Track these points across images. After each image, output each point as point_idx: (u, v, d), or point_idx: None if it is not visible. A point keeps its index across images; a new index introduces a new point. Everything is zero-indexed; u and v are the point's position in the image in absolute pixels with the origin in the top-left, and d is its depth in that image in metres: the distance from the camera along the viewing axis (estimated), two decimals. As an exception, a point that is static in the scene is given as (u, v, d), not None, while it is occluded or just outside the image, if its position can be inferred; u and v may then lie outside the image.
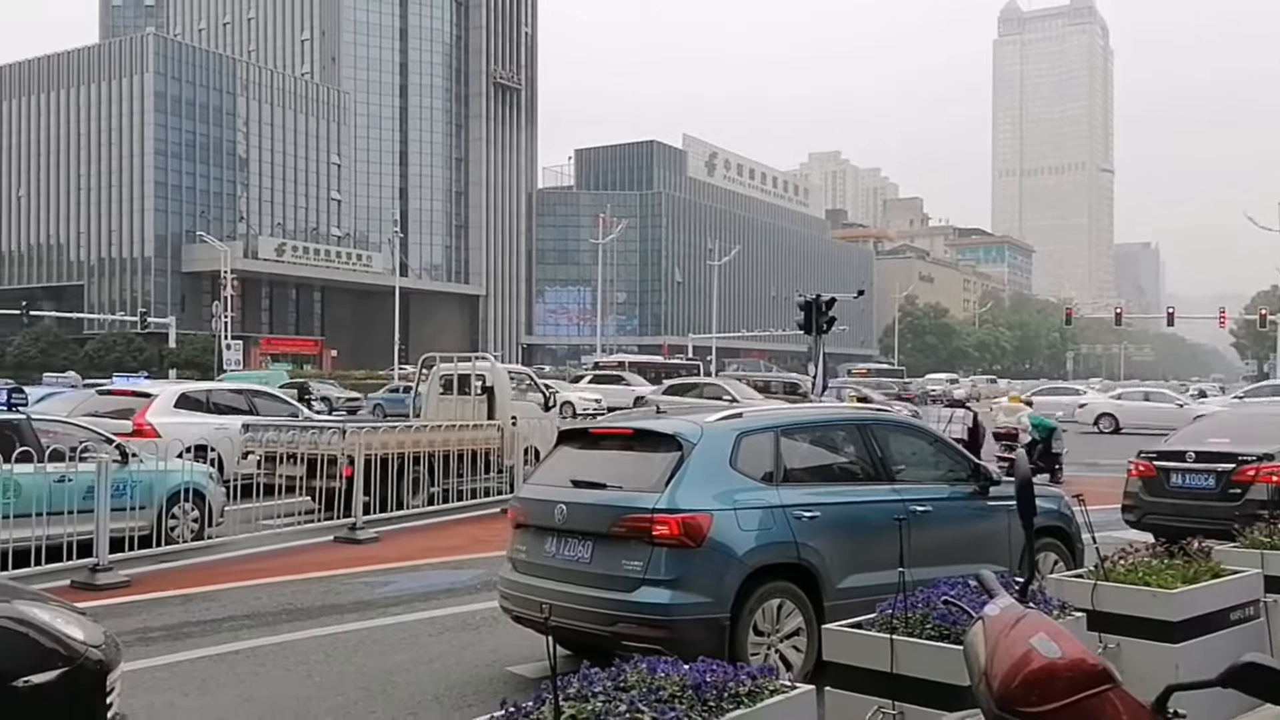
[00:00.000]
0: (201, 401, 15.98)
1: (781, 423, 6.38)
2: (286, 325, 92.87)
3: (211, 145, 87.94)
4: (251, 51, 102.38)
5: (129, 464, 10.06)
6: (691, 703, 2.64)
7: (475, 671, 6.27)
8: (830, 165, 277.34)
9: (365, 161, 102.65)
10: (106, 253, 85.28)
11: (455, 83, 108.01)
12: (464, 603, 8.28)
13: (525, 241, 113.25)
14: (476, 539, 11.63)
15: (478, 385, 15.82)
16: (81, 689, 3.43)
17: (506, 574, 6.21)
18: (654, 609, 5.28)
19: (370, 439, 12.36)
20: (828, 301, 19.78)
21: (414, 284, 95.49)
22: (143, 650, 6.61)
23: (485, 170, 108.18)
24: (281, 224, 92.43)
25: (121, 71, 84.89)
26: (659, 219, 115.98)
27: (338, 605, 8.27)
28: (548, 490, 6.07)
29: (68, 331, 74.57)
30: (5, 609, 3.44)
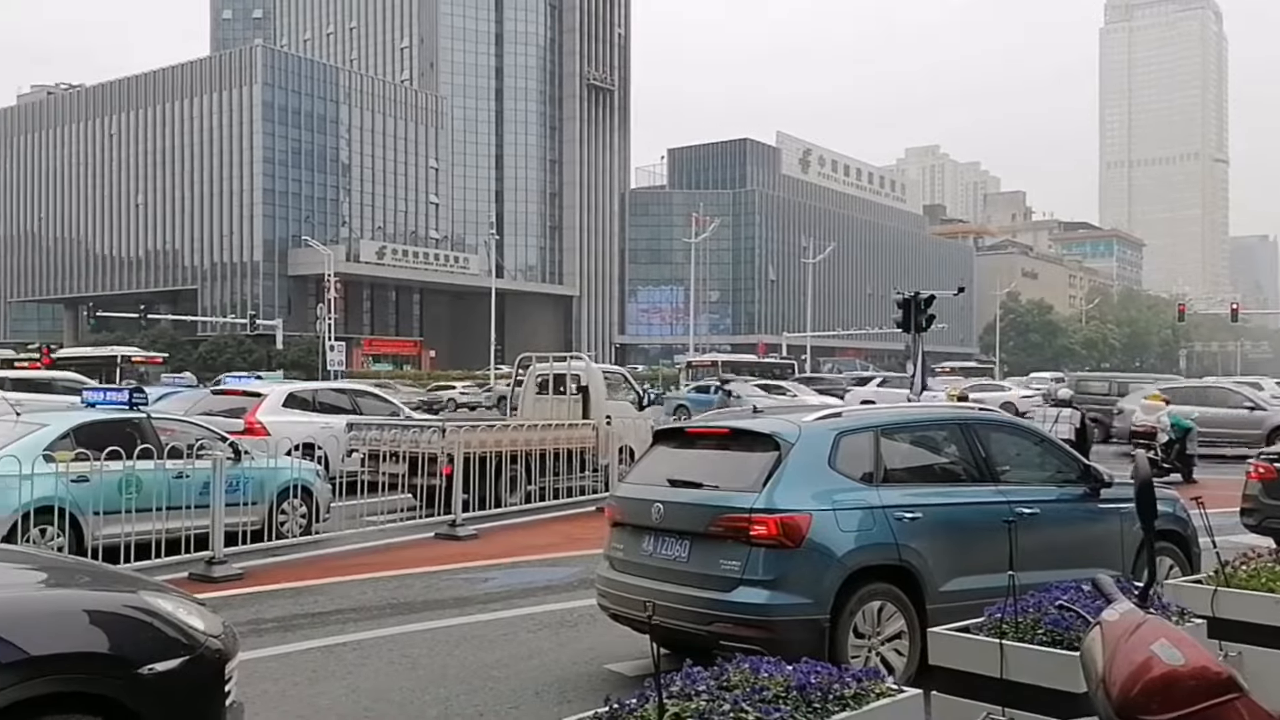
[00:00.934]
0: (308, 401, 16.48)
1: (881, 422, 6.29)
2: (387, 327, 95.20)
3: (316, 152, 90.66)
4: (353, 60, 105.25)
5: (241, 461, 10.44)
6: (796, 704, 2.61)
7: (574, 668, 6.32)
8: (928, 160, 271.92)
9: (462, 165, 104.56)
10: (218, 258, 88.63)
11: (549, 85, 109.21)
12: (561, 600, 8.36)
13: (618, 241, 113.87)
14: (572, 537, 11.74)
15: (573, 385, 15.97)
16: (202, 677, 3.56)
17: (604, 572, 6.25)
18: (752, 609, 5.26)
19: (469, 438, 12.58)
20: (926, 299, 19.40)
21: (509, 285, 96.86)
22: (255, 641, 6.84)
23: (579, 171, 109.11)
24: (382, 228, 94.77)
25: (231, 83, 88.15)
26: (752, 217, 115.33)
27: (439, 600, 8.44)
28: (644, 489, 6.09)
29: (183, 334, 77.77)
30: (132, 599, 3.59)
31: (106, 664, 3.30)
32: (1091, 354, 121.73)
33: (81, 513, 9.00)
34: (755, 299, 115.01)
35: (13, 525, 8.55)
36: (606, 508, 6.39)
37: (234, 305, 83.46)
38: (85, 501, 8.98)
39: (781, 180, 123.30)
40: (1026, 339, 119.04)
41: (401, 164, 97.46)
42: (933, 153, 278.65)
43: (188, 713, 3.49)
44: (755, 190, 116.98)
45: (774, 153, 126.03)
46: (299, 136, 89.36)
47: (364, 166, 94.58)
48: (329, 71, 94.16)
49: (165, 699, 3.39)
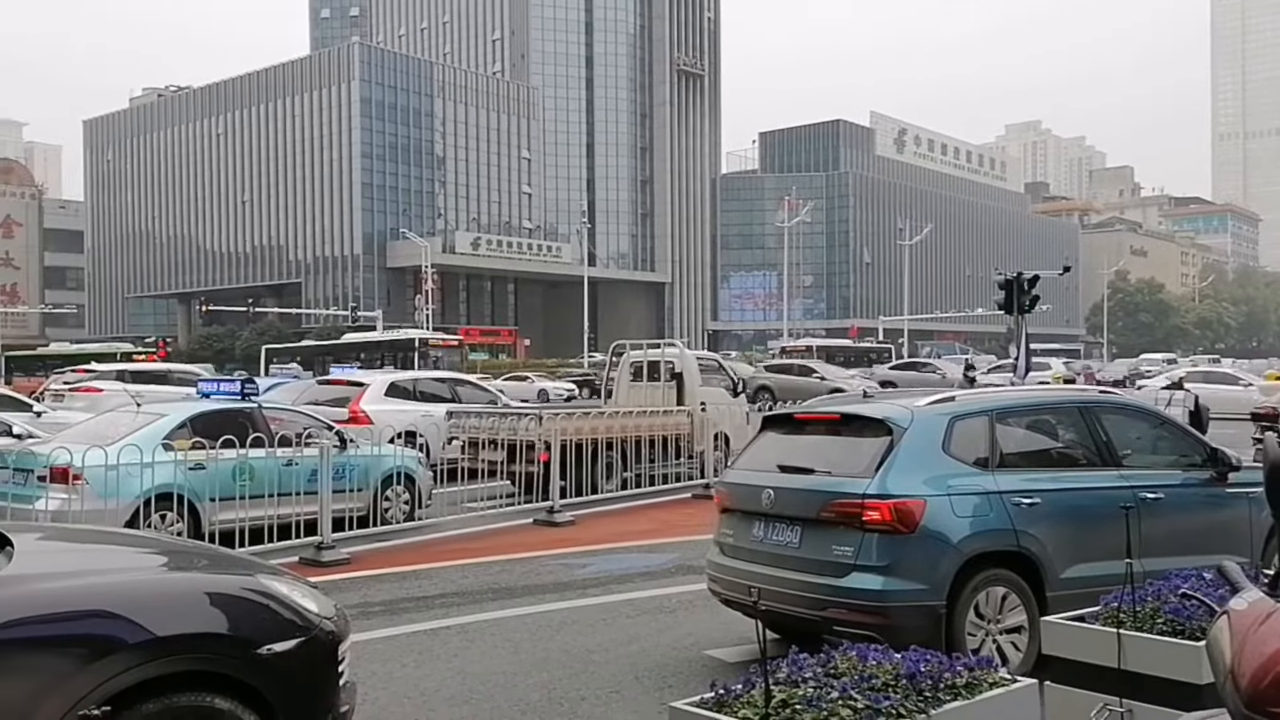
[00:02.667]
0: (409, 390, 16.86)
1: (996, 406, 6.15)
2: (482, 316, 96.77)
3: (411, 146, 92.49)
4: (447, 54, 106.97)
5: (347, 449, 10.73)
6: (906, 692, 2.57)
7: (674, 653, 6.34)
8: (1029, 136, 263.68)
9: (554, 155, 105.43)
10: (320, 252, 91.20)
11: (639, 72, 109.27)
12: (660, 586, 8.39)
13: (710, 227, 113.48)
14: (669, 523, 11.77)
15: (666, 372, 15.98)
16: (317, 657, 3.67)
17: (714, 557, 6.28)
18: (867, 595, 5.24)
19: (565, 425, 12.70)
20: (1030, 279, 18.82)
21: (601, 273, 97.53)
22: (364, 623, 7.03)
23: (670, 158, 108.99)
24: (476, 219, 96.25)
25: (330, 80, 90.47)
26: (846, 199, 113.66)
27: (539, 585, 8.55)
28: (754, 475, 6.09)
29: (288, 326, 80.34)
30: (249, 582, 3.72)
31: (228, 644, 3.43)
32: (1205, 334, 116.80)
33: (198, 499, 9.37)
34: (849, 283, 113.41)
35: (135, 511, 8.95)
36: (715, 494, 6.42)
37: (336, 298, 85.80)
38: (202, 488, 9.35)
39: (876, 161, 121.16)
40: (1136, 319, 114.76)
41: (494, 155, 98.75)
42: (1034, 129, 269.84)
43: (305, 692, 3.60)
44: (849, 172, 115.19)
45: (868, 133, 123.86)
46: (395, 131, 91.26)
47: (458, 159, 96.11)
48: (423, 66, 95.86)
49: (284, 678, 3.51)
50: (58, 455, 8.79)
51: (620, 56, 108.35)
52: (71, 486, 8.61)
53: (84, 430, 10.37)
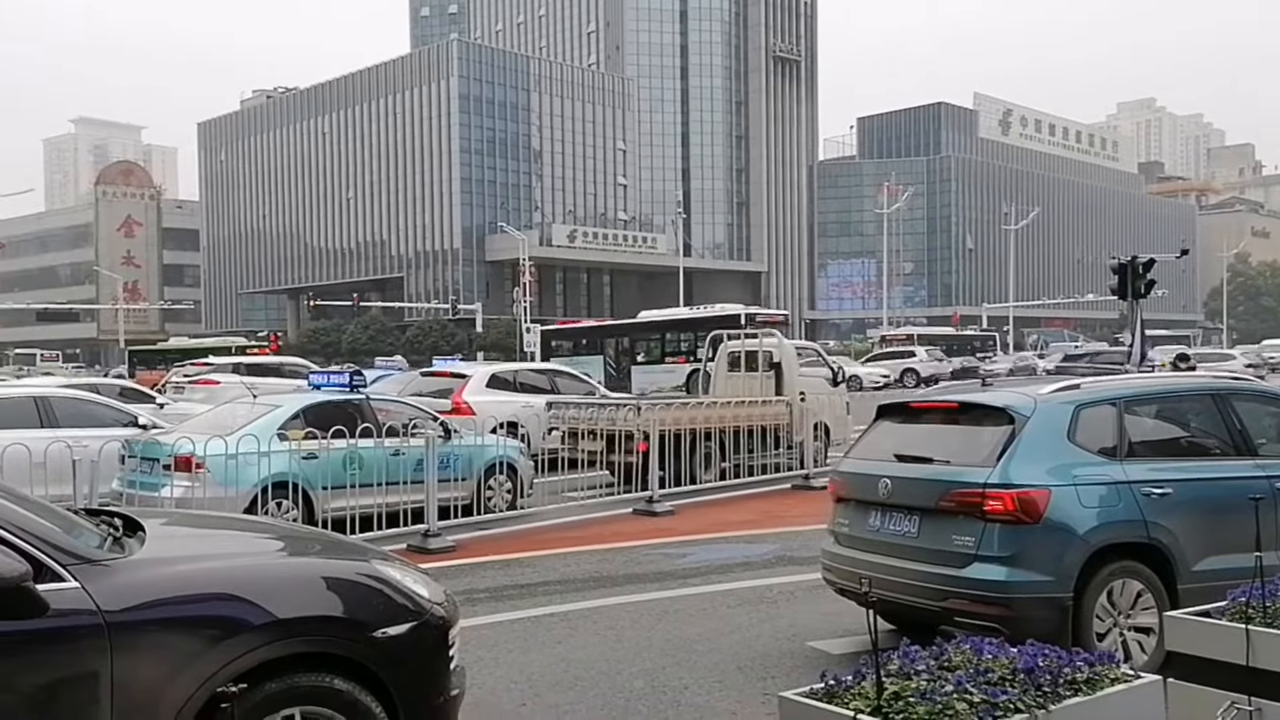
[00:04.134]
0: (509, 381, 17.12)
1: (1124, 394, 5.97)
2: (579, 308, 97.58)
3: (509, 140, 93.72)
4: (542, 47, 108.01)
5: (451, 439, 10.96)
6: (1024, 687, 2.50)
7: (776, 644, 6.31)
8: (1143, 114, 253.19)
9: (649, 145, 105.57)
10: (421, 246, 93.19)
11: (735, 60, 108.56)
12: (760, 576, 8.36)
13: (807, 215, 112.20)
14: (769, 514, 11.71)
15: (765, 361, 15.88)
16: (429, 641, 3.76)
17: (829, 547, 6.26)
18: (989, 586, 5.16)
19: (663, 415, 12.73)
20: (1145, 263, 18.10)
21: (697, 263, 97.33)
22: (469, 610, 7.17)
23: (765, 146, 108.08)
24: (572, 211, 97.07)
25: (429, 77, 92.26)
26: (948, 184, 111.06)
27: (640, 575, 8.61)
28: (869, 464, 6.05)
29: (391, 319, 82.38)
30: (364, 567, 3.84)
31: (344, 627, 3.54)
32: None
33: (311, 487, 9.69)
34: (952, 269, 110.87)
35: (253, 498, 9.31)
36: (829, 483, 6.39)
37: (436, 291, 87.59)
38: (314, 477, 9.66)
39: (980, 144, 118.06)
40: (1258, 304, 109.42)
41: (590, 147, 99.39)
42: (1148, 106, 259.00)
43: (418, 674, 3.70)
44: (951, 156, 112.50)
45: (971, 115, 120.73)
46: (493, 126, 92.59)
47: (554, 152, 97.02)
48: (519, 60, 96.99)
49: (398, 661, 3.61)
50: (181, 445, 9.20)
51: (715, 45, 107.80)
52: (194, 475, 9.00)
53: (204, 421, 10.82)
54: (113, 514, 4.02)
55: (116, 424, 11.33)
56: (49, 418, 11.03)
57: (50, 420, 10.96)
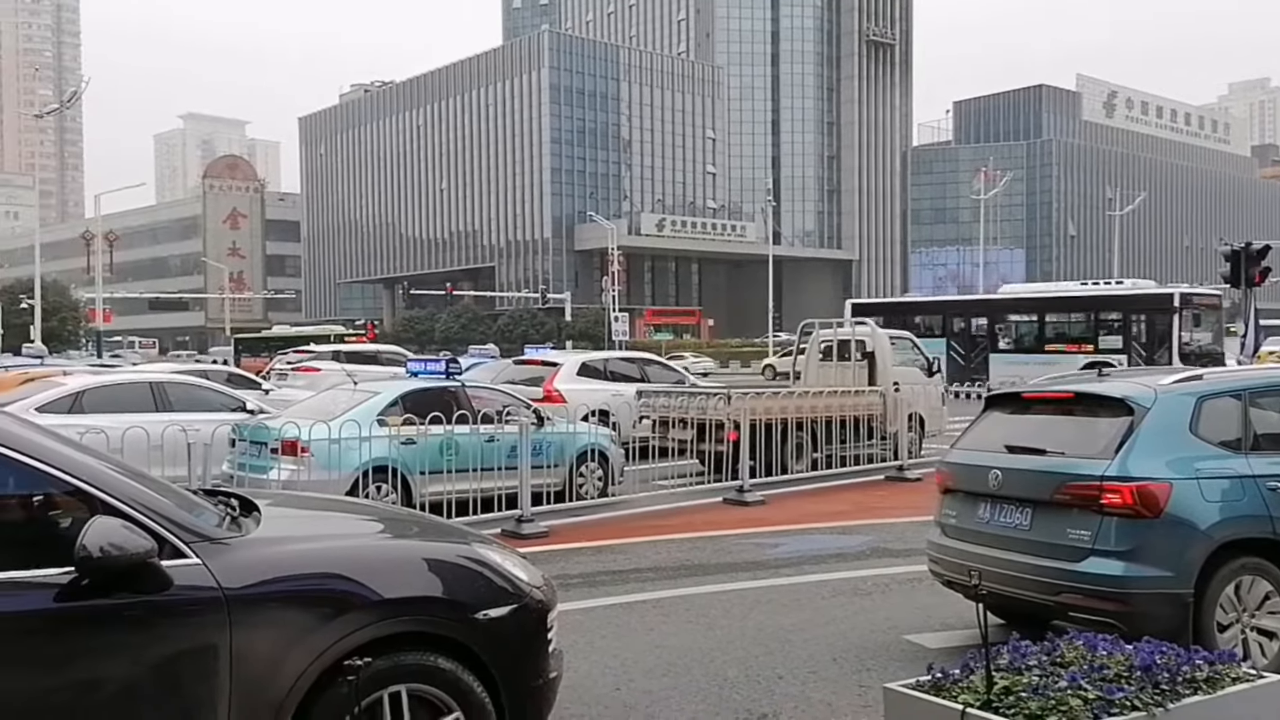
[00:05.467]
0: (600, 370, 17.23)
1: (1249, 385, 5.74)
2: (667, 297, 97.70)
3: (598, 130, 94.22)
4: (633, 36, 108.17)
5: (544, 427, 11.09)
6: (1141, 684, 2.43)
7: (871, 636, 6.24)
8: (1256, 95, 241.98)
9: (738, 133, 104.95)
10: (512, 236, 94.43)
11: (826, 45, 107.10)
12: (854, 568, 8.27)
13: (900, 202, 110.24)
14: (862, 505, 11.58)
15: (857, 351, 15.67)
16: (528, 624, 3.82)
17: (935, 539, 6.19)
18: (1106, 580, 5.04)
19: (754, 405, 12.67)
20: (1260, 250, 17.31)
21: (787, 252, 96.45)
22: (562, 595, 7.20)
23: (858, 132, 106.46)
24: (661, 200, 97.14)
25: (521, 69, 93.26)
26: (1049, 169, 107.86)
27: (731, 564, 8.60)
28: (979, 455, 5.95)
29: (483, 308, 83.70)
30: (465, 550, 3.91)
31: (446, 608, 3.62)
32: None
33: (410, 472, 9.91)
34: (1053, 256, 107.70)
35: (354, 482, 9.57)
36: (937, 474, 6.30)
37: (527, 280, 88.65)
38: (413, 462, 9.88)
39: (1082, 127, 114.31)
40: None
41: (679, 136, 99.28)
42: (1262, 86, 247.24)
43: (518, 656, 3.76)
44: (1052, 140, 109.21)
45: (1073, 98, 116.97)
46: (583, 116, 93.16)
47: (643, 141, 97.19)
48: (610, 50, 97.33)
49: (499, 642, 3.67)
50: (287, 429, 9.50)
51: (806, 30, 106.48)
52: (299, 458, 9.30)
53: (308, 407, 11.16)
54: (229, 494, 4.19)
55: (225, 409, 11.76)
56: (164, 402, 11.51)
57: (165, 404, 11.43)
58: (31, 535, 3.32)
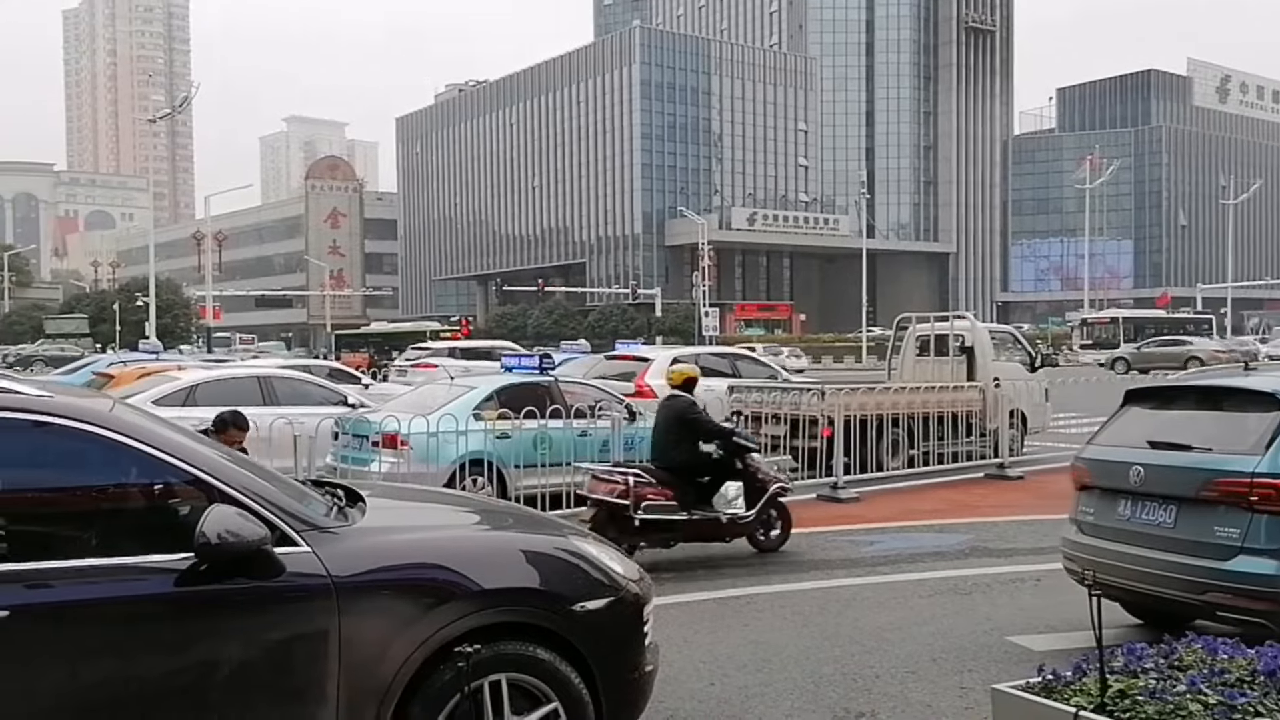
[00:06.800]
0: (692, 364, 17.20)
1: None
2: (758, 292, 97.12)
3: (689, 125, 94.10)
4: (723, 30, 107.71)
5: (636, 421, 11.13)
6: (1265, 689, 2.32)
7: (972, 637, 6.11)
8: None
9: (831, 125, 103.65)
10: (603, 232, 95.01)
11: (923, 33, 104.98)
12: (953, 567, 8.11)
13: (1000, 193, 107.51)
14: (960, 503, 11.33)
15: (956, 345, 15.34)
16: (625, 617, 3.84)
17: (1071, 536, 6.04)
18: (1257, 580, 4.88)
19: (849, 400, 12.49)
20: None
21: (881, 245, 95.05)
22: (656, 589, 7.23)
23: (955, 121, 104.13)
24: (752, 194, 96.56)
25: (612, 65, 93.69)
26: (1157, 156, 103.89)
27: (826, 561, 8.51)
28: (1119, 451, 5.80)
29: (573, 304, 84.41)
30: (562, 542, 3.95)
31: (544, 599, 3.66)
32: None
33: (505, 465, 10.04)
34: (1161, 247, 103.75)
35: (451, 474, 9.75)
36: (1073, 470, 6.16)
37: (617, 276, 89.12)
38: (508, 455, 10.02)
39: (1193, 113, 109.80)
40: None
41: (770, 129, 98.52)
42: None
43: (616, 648, 3.79)
44: (1161, 126, 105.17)
45: (1184, 83, 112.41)
46: (673, 111, 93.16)
47: (734, 135, 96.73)
48: (700, 44, 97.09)
49: (596, 635, 3.70)
50: (388, 423, 9.74)
51: (903, 18, 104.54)
52: (399, 451, 9.52)
53: (407, 401, 11.42)
54: (335, 485, 4.31)
55: (327, 402, 12.10)
56: (270, 396, 11.92)
57: (271, 398, 11.83)
58: (153, 522, 3.46)
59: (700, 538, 8.39)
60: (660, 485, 8.06)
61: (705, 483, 8.38)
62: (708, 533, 8.34)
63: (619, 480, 8.05)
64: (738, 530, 8.41)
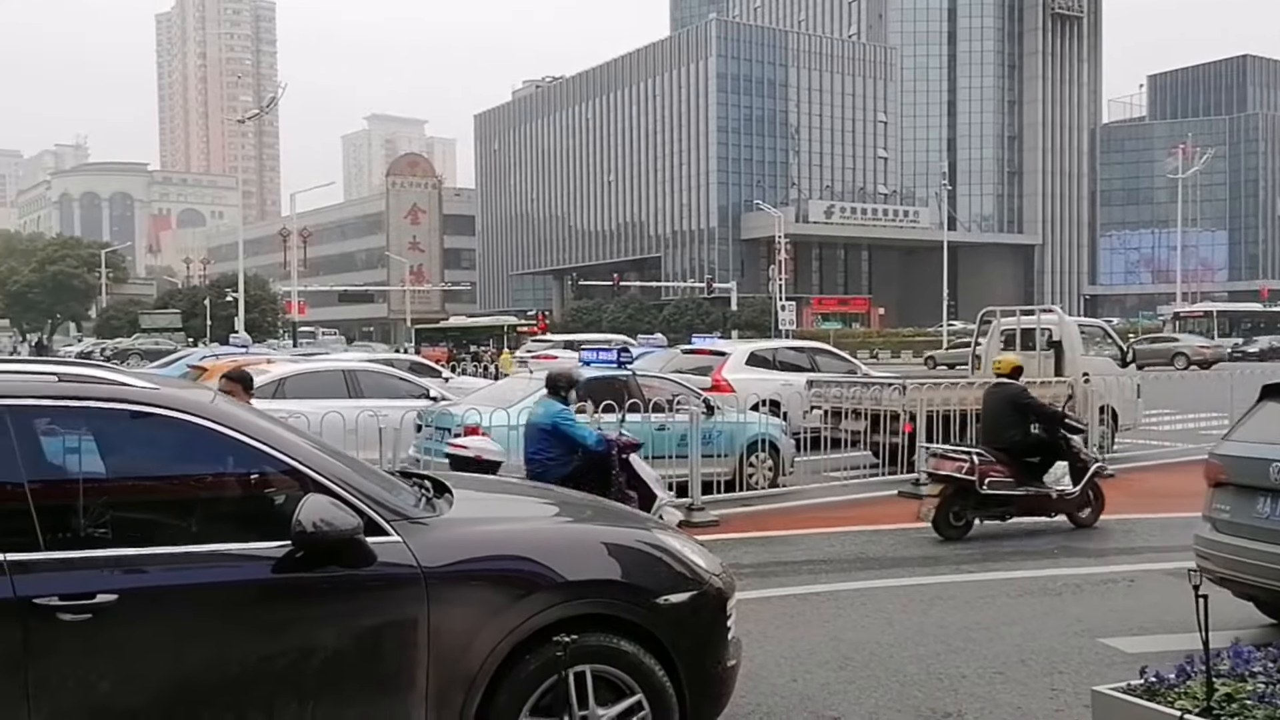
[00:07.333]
0: (768, 359, 17.09)
1: None
2: (835, 285, 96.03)
3: (765, 117, 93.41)
4: (801, 21, 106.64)
5: (713, 416, 11.10)
6: (1388, 700, 2.23)
7: (1062, 639, 5.96)
8: None
9: (911, 116, 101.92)
10: (678, 226, 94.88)
11: (1008, 20, 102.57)
12: (1041, 567, 7.92)
13: (1088, 183, 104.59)
14: (1047, 501, 11.05)
15: (1043, 339, 14.97)
16: (708, 611, 3.84)
17: (1206, 534, 5.91)
18: None
19: (931, 395, 12.28)
20: None
21: (962, 237, 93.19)
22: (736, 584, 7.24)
23: (1041, 110, 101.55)
24: (829, 186, 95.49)
25: (688, 58, 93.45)
26: (1254, 144, 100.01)
27: (908, 558, 8.39)
28: (1258, 448, 5.65)
29: (648, 298, 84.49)
30: (645, 536, 3.96)
31: (628, 591, 3.67)
32: None
33: (583, 458, 10.09)
34: (1259, 238, 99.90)
35: (531, 467, 9.83)
36: (1207, 467, 6.00)
37: (692, 270, 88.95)
38: (586, 448, 10.06)
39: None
40: None
41: (849, 121, 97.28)
42: None
43: (700, 642, 3.79)
44: (1258, 114, 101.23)
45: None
46: (750, 103, 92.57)
47: (811, 127, 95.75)
48: (778, 36, 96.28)
49: (680, 628, 3.71)
50: (470, 415, 9.87)
51: (986, 5, 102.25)
52: (480, 443, 9.63)
53: (487, 394, 11.58)
54: (423, 477, 4.39)
55: (410, 396, 12.32)
56: (355, 389, 12.18)
57: (356, 391, 12.09)
58: (250, 510, 3.57)
59: (1030, 512, 9.18)
60: (999, 464, 8.91)
61: (1035, 462, 9.19)
62: (1038, 507, 9.16)
63: (964, 458, 8.93)
64: (1064, 505, 9.20)
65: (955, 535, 8.96)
